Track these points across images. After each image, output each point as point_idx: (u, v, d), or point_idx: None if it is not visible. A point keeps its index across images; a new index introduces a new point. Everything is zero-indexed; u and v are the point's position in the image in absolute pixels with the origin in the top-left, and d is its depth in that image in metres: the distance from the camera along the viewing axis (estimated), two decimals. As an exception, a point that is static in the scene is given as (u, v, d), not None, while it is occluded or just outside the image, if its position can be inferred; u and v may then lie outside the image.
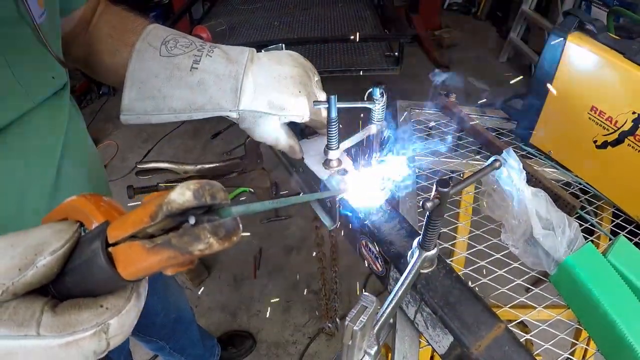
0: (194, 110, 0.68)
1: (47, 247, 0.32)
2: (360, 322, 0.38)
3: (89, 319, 0.32)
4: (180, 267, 0.31)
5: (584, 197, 0.95)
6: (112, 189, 0.89)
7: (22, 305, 0.32)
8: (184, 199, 0.27)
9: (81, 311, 0.32)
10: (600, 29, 0.88)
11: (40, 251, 0.32)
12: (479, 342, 0.53)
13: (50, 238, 0.32)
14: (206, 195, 0.28)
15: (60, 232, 0.33)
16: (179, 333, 1.46)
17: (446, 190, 0.45)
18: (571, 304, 0.72)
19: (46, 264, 0.32)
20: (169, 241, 0.28)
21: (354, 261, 0.68)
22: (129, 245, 0.30)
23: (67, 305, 0.33)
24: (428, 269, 0.59)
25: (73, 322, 0.32)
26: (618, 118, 0.85)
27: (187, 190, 0.27)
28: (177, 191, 0.27)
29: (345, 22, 2.86)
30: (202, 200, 0.28)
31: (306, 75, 0.71)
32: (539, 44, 3.42)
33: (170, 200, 0.27)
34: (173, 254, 0.28)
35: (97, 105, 3.53)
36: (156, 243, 0.28)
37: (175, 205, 0.27)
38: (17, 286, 0.32)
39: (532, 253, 0.76)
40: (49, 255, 0.32)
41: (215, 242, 0.28)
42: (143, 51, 0.67)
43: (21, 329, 0.31)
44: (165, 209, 0.27)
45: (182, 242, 0.28)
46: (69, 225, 0.34)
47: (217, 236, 0.28)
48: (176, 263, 0.29)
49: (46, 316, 0.32)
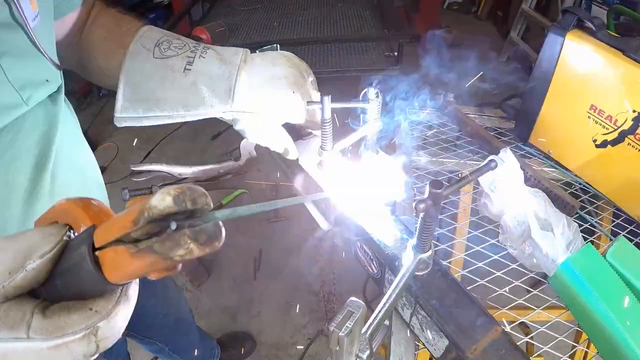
0: (187, 112, 0.67)
1: (37, 250, 0.32)
2: (346, 327, 0.38)
3: (78, 322, 0.32)
4: (165, 272, 0.31)
5: (584, 197, 0.94)
6: (113, 191, 0.88)
7: (13, 308, 0.32)
8: (165, 205, 0.27)
9: (70, 314, 0.32)
10: (599, 26, 0.87)
11: (30, 255, 0.32)
12: (475, 345, 0.52)
13: (40, 242, 0.33)
14: (187, 200, 0.28)
15: (49, 235, 0.33)
16: (178, 334, 1.45)
17: (439, 192, 0.44)
18: (570, 306, 0.71)
19: (35, 268, 0.32)
20: (151, 247, 0.28)
21: (354, 262, 0.68)
22: (114, 250, 0.30)
23: (56, 308, 0.33)
24: (423, 271, 0.58)
25: (62, 325, 0.32)
26: (618, 117, 0.84)
27: (167, 196, 0.27)
28: (157, 197, 0.27)
29: (345, 22, 2.86)
30: (183, 205, 0.27)
31: (300, 76, 0.70)
32: (540, 44, 3.41)
33: (150, 206, 0.27)
34: (155, 259, 0.28)
35: (98, 107, 3.52)
36: (139, 248, 0.28)
37: (155, 211, 0.27)
38: (7, 289, 0.32)
39: (531, 254, 0.75)
40: (38, 259, 0.32)
41: (196, 247, 0.27)
42: (136, 53, 0.67)
43: (12, 332, 0.32)
44: (146, 214, 0.27)
45: (163, 247, 0.28)
46: (58, 229, 0.34)
47: (197, 241, 0.28)
48: (159, 268, 0.29)
49: (36, 319, 0.32)
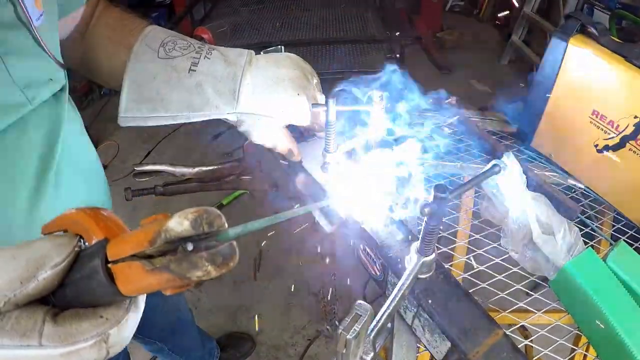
0: (191, 113, 0.67)
1: (49, 261, 0.33)
2: (354, 330, 0.38)
3: (89, 330, 0.33)
4: (179, 289, 0.32)
5: (585, 202, 0.95)
6: (113, 190, 0.88)
7: (24, 315, 0.33)
8: (182, 228, 0.28)
9: (82, 322, 0.33)
10: (602, 32, 0.87)
11: (42, 265, 0.33)
12: (477, 348, 0.52)
13: (51, 252, 0.33)
14: (203, 224, 0.29)
15: (60, 246, 0.34)
16: (178, 334, 1.45)
17: (444, 196, 0.44)
18: (571, 310, 0.72)
19: (47, 277, 0.33)
20: (167, 266, 0.29)
21: (354, 263, 0.69)
22: (128, 265, 0.31)
23: (67, 316, 0.33)
24: (426, 274, 0.58)
25: (74, 333, 0.32)
26: (619, 122, 0.84)
27: (185, 220, 0.28)
28: (175, 220, 0.28)
29: (347, 24, 2.86)
30: (200, 229, 0.28)
31: (305, 78, 0.71)
32: (541, 47, 3.41)
33: (168, 228, 0.28)
34: (171, 278, 0.29)
35: (99, 106, 3.52)
36: (155, 266, 0.29)
37: (173, 233, 0.28)
38: (18, 297, 0.32)
39: (532, 258, 0.76)
40: (50, 269, 0.33)
41: (213, 269, 0.29)
42: (141, 53, 0.67)
43: (24, 339, 0.32)
44: (163, 236, 0.28)
45: (180, 268, 0.28)
46: (69, 240, 0.34)
47: (214, 264, 0.28)
48: (174, 285, 0.31)
49: (48, 326, 0.32)
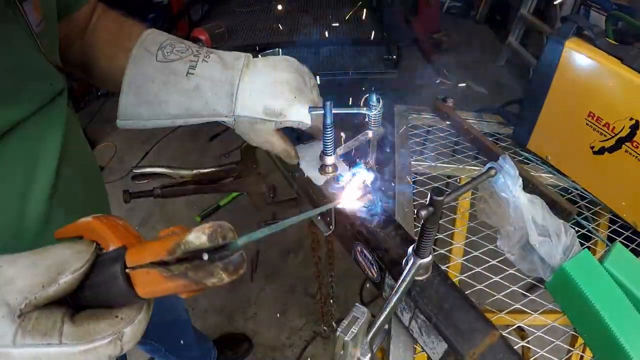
0: (190, 116, 0.68)
1: (69, 266, 0.36)
2: (352, 332, 0.39)
3: (106, 329, 0.36)
4: (193, 293, 0.36)
5: (581, 203, 0.95)
6: (110, 191, 0.88)
7: (43, 316, 0.35)
8: (200, 242, 0.32)
9: (99, 321, 0.36)
10: (598, 34, 0.88)
11: (63, 270, 0.36)
12: (473, 349, 0.52)
13: (71, 258, 0.36)
14: (219, 237, 0.32)
15: (80, 252, 0.37)
16: (174, 335, 1.45)
17: (440, 199, 0.45)
18: (567, 311, 0.72)
19: (67, 282, 0.36)
20: (185, 273, 0.32)
21: (351, 265, 0.69)
22: (147, 272, 0.34)
23: (85, 316, 0.36)
24: (423, 276, 0.58)
25: (92, 331, 0.36)
26: (615, 124, 0.85)
27: (202, 235, 0.32)
28: (193, 234, 0.32)
29: (344, 25, 2.87)
30: (216, 242, 0.32)
31: (302, 81, 0.71)
32: (538, 48, 3.43)
33: (187, 241, 0.32)
34: (188, 284, 0.33)
35: (95, 107, 3.50)
36: (173, 273, 0.33)
37: (191, 246, 0.32)
38: (39, 299, 0.35)
39: (528, 259, 0.76)
40: (70, 274, 0.36)
41: (226, 276, 0.32)
42: (140, 56, 0.67)
43: (45, 338, 0.35)
44: (183, 247, 0.32)
45: (197, 275, 0.32)
46: (87, 246, 0.38)
47: (227, 271, 0.32)
48: (189, 290, 0.34)
49: (67, 326, 0.35)
